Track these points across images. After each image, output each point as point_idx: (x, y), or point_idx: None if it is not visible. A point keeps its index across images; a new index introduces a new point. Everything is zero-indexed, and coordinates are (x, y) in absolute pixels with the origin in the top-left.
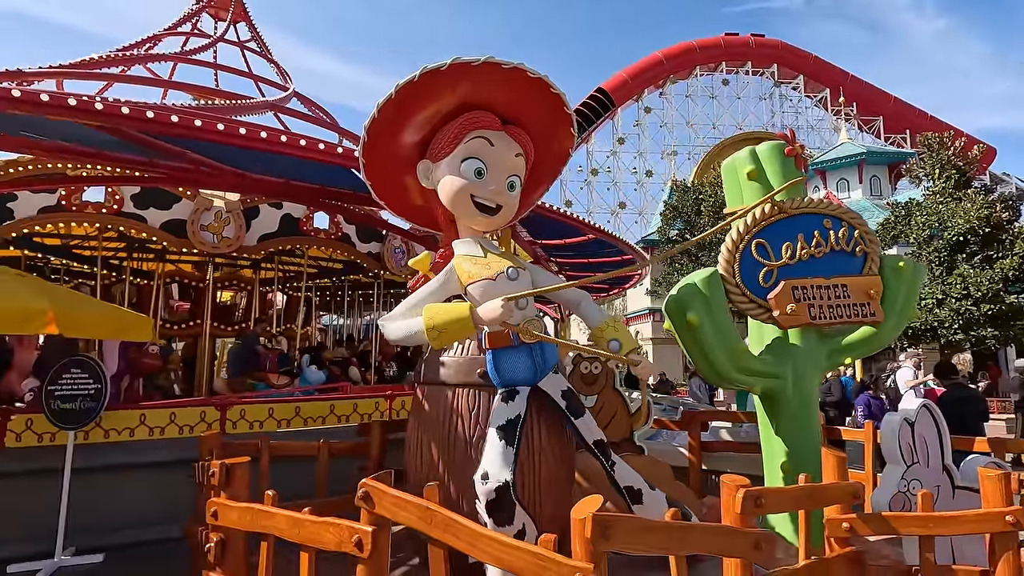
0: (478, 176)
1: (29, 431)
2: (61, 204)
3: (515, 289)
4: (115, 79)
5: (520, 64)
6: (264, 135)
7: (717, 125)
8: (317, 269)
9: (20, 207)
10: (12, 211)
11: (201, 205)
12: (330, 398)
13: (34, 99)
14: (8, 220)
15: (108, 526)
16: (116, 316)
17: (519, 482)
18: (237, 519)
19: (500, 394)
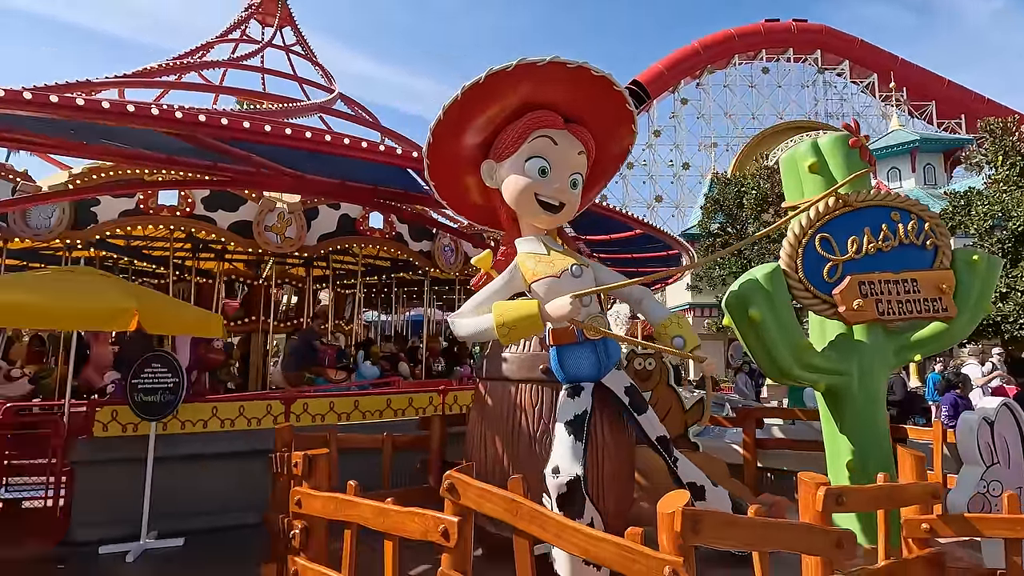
0: (542, 175)
1: (115, 422)
2: (139, 208)
3: (579, 286)
4: (171, 86)
5: (584, 63)
6: (328, 138)
7: (757, 115)
8: (364, 267)
9: (103, 211)
10: (96, 215)
11: (265, 207)
12: (386, 393)
13: (121, 109)
14: (93, 223)
15: (187, 512)
16: (191, 314)
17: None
18: (321, 508)
19: (565, 390)
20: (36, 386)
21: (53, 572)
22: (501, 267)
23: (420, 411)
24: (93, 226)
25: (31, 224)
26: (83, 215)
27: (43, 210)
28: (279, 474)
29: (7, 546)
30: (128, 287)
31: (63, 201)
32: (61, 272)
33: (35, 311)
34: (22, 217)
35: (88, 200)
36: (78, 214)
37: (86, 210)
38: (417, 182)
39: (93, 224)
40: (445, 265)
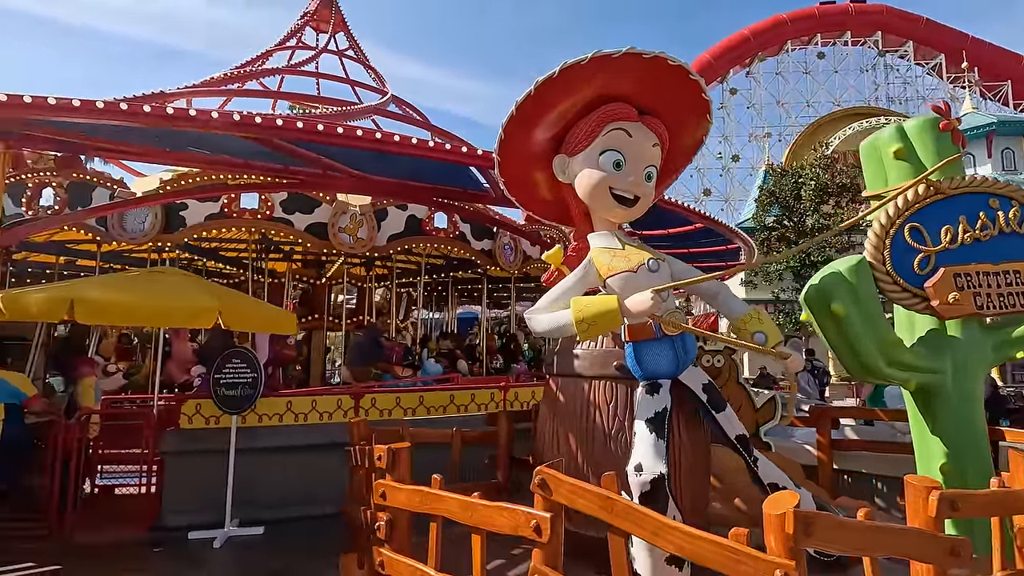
0: (616, 168)
1: (199, 415)
2: (224, 211)
3: (656, 281)
4: (234, 94)
5: (660, 53)
6: (397, 138)
7: (811, 103)
8: (417, 266)
9: (191, 215)
10: (185, 219)
11: (339, 209)
12: (450, 388)
13: (207, 116)
14: (182, 227)
15: (264, 502)
16: (268, 312)
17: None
18: (406, 500)
19: (643, 386)
20: (127, 381)
21: (151, 554)
22: (572, 262)
23: (482, 407)
24: (182, 229)
25: (127, 228)
26: (173, 219)
27: (137, 215)
28: (358, 467)
29: (108, 529)
30: (210, 287)
31: (154, 205)
32: (149, 273)
33: (129, 309)
34: (119, 222)
35: (177, 205)
36: (169, 218)
37: (176, 214)
38: (476, 180)
39: (182, 227)
40: (505, 263)
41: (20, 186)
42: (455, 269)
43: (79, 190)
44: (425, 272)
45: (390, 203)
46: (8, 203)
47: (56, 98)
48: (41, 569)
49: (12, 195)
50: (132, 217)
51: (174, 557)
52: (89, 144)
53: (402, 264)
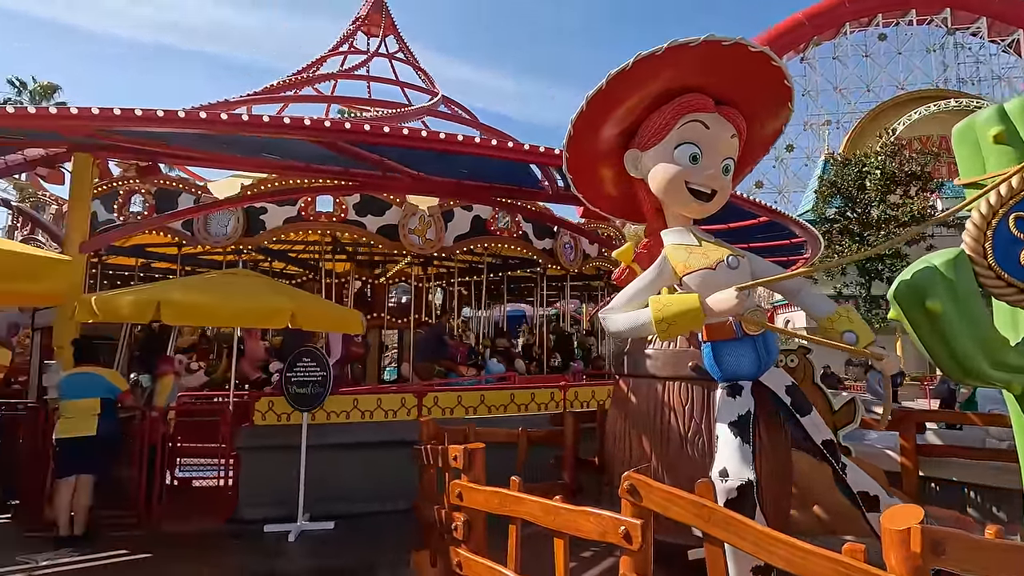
0: (693, 161)
1: (271, 411)
2: (301, 215)
3: (736, 278)
4: (290, 100)
5: (741, 39)
6: (460, 138)
7: (872, 87)
8: (470, 265)
9: (270, 219)
10: (264, 222)
11: (408, 211)
12: (510, 387)
13: (279, 122)
14: (262, 230)
15: (333, 497)
16: (337, 312)
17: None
18: (484, 502)
19: (723, 388)
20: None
21: (231, 545)
22: (643, 260)
23: (542, 406)
24: (262, 232)
25: (212, 232)
26: (254, 223)
27: (221, 219)
28: (428, 465)
29: (189, 520)
30: (281, 288)
31: (229, 208)
32: (224, 275)
33: (210, 310)
34: (205, 226)
35: (257, 209)
36: (250, 222)
37: (256, 218)
38: (535, 177)
39: (262, 231)
40: (566, 262)
41: (112, 194)
42: (510, 268)
43: (166, 196)
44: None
45: (456, 204)
46: (101, 209)
47: (142, 110)
48: (133, 557)
49: (104, 203)
50: (216, 221)
51: (253, 549)
52: (167, 152)
53: (456, 263)
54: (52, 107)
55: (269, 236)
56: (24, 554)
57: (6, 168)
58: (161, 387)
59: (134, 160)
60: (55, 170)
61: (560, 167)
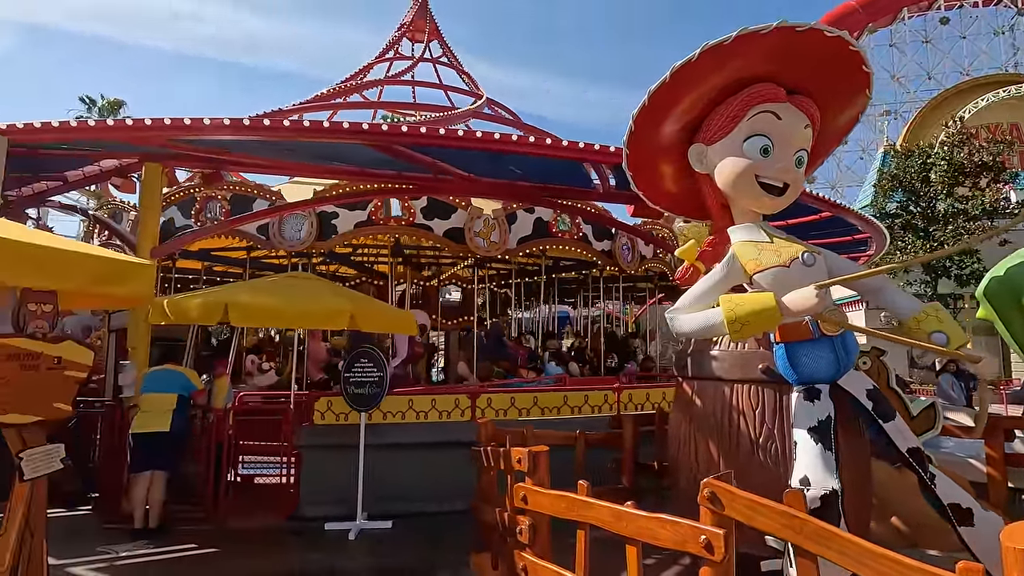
0: (764, 154)
1: (330, 411)
2: (371, 219)
3: (812, 276)
4: (338, 107)
5: (816, 24)
6: (515, 137)
7: (933, 75)
8: (516, 266)
9: (342, 223)
10: (336, 227)
11: (473, 214)
12: (563, 389)
13: (338, 127)
14: (335, 234)
15: (390, 496)
16: (393, 314)
17: None
18: (550, 505)
19: (799, 392)
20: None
21: (295, 542)
22: (707, 258)
23: (595, 409)
24: (334, 237)
25: (286, 236)
26: (326, 227)
27: (295, 224)
28: (488, 467)
29: (253, 516)
30: (341, 290)
31: (305, 212)
32: (286, 278)
33: (275, 312)
34: (279, 230)
35: (329, 214)
36: (322, 227)
37: (328, 223)
38: (583, 176)
39: (334, 235)
40: (624, 263)
41: (190, 200)
42: (560, 270)
43: (241, 201)
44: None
45: (518, 207)
46: (178, 215)
47: (211, 119)
48: (203, 551)
49: (182, 209)
50: (290, 226)
51: (315, 547)
52: (231, 159)
53: (512, 265)
54: (129, 119)
55: (340, 240)
56: (103, 545)
57: (84, 179)
58: (218, 388)
59: (200, 168)
60: (127, 180)
61: (613, 165)
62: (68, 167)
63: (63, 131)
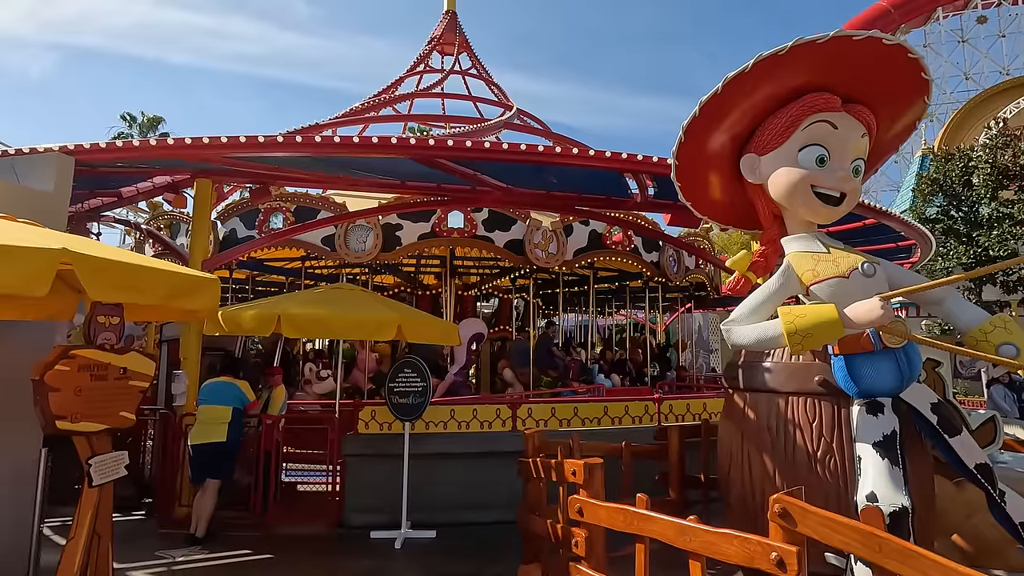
0: (820, 164)
1: (374, 421)
2: (434, 231)
3: (872, 287)
4: (370, 120)
5: (874, 32)
6: (559, 149)
7: (971, 75)
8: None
9: (405, 235)
10: (400, 239)
11: (532, 226)
12: (603, 400)
13: (387, 143)
14: (398, 246)
15: (432, 506)
16: (438, 325)
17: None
18: (607, 518)
19: (861, 405)
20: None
21: (343, 550)
22: (759, 268)
23: (636, 419)
24: (398, 248)
25: (352, 247)
26: (390, 239)
27: (360, 235)
28: (537, 478)
29: (301, 523)
30: (387, 301)
31: (371, 224)
32: (333, 289)
33: (325, 323)
34: (345, 241)
35: (393, 225)
36: (386, 238)
37: (392, 234)
38: (620, 186)
39: (398, 247)
40: (671, 275)
41: (254, 212)
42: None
43: (305, 213)
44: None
45: (575, 219)
46: (240, 226)
47: (264, 136)
48: (255, 557)
49: (245, 220)
50: (355, 238)
51: (363, 555)
52: (280, 174)
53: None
54: (188, 138)
55: (405, 252)
56: (161, 550)
57: (137, 194)
58: (275, 397)
59: (248, 183)
60: (179, 195)
61: (654, 174)
62: (123, 184)
63: (126, 150)
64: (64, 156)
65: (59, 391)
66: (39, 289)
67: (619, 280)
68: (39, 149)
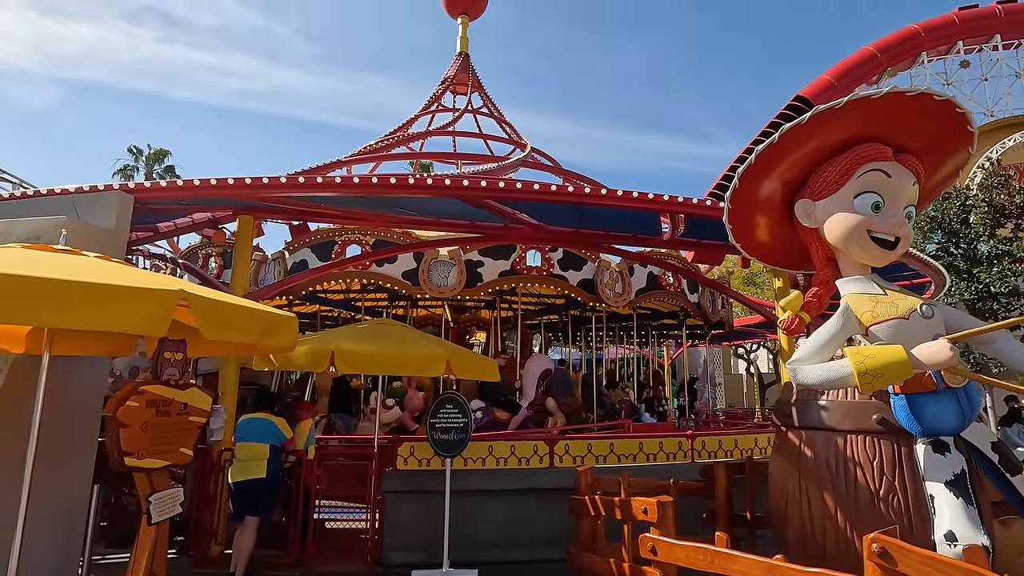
0: (875, 210)
1: (412, 457)
2: (514, 268)
3: (931, 328)
4: (383, 159)
5: (927, 89)
6: (604, 191)
7: None
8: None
9: (487, 271)
10: (481, 275)
11: (603, 266)
12: (638, 436)
13: (440, 183)
14: (480, 282)
15: (472, 543)
16: (482, 361)
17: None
18: (684, 557)
19: (926, 444)
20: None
21: None
22: (812, 308)
23: (670, 456)
24: (479, 284)
25: (434, 283)
26: (472, 275)
27: (442, 271)
28: (594, 515)
29: (338, 562)
30: (434, 339)
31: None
32: (376, 324)
33: (376, 359)
34: (428, 276)
35: (475, 262)
36: (469, 275)
37: (474, 271)
38: (651, 225)
39: (479, 282)
40: (709, 314)
41: (329, 243)
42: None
43: (384, 246)
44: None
45: (634, 261)
46: (312, 257)
47: (305, 177)
48: None
49: (318, 251)
50: (437, 273)
51: None
52: (319, 211)
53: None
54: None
55: (486, 288)
56: None
57: (175, 229)
58: (299, 431)
59: (289, 219)
60: (218, 231)
61: (689, 215)
62: (160, 219)
63: (186, 189)
64: (124, 194)
65: (128, 427)
66: (160, 329)
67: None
68: (99, 187)
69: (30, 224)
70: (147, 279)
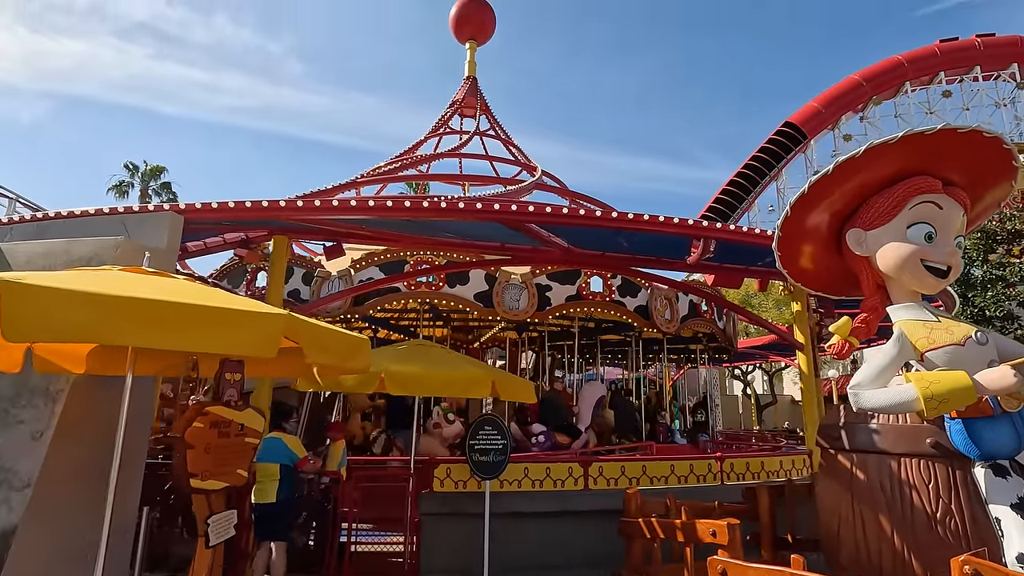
0: (928, 240)
1: (448, 479)
2: (580, 293)
3: (986, 354)
4: (391, 180)
5: (977, 127)
6: (631, 215)
7: None
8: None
9: (554, 296)
10: (550, 299)
11: (657, 293)
12: (670, 458)
13: (454, 207)
14: (548, 306)
15: (511, 566)
16: (523, 383)
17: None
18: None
19: (986, 468)
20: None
21: None
22: (860, 333)
23: (700, 478)
24: (548, 308)
25: (507, 305)
26: (542, 299)
27: (514, 294)
28: (650, 538)
29: None
30: (476, 361)
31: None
32: (417, 346)
33: (422, 381)
34: (501, 299)
35: (544, 286)
36: (540, 299)
37: (543, 295)
38: (678, 249)
39: (548, 306)
40: (732, 338)
41: (399, 262)
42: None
43: (453, 266)
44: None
45: (680, 289)
46: (378, 274)
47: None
48: None
49: (385, 268)
50: (510, 296)
51: None
52: (352, 232)
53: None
54: (299, 202)
55: (554, 311)
56: None
57: (205, 249)
58: (332, 452)
59: (322, 239)
60: (252, 251)
61: (719, 240)
62: (190, 239)
63: (237, 211)
64: (175, 214)
65: (194, 448)
66: (270, 351)
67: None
68: (149, 208)
69: (88, 244)
70: (249, 304)
